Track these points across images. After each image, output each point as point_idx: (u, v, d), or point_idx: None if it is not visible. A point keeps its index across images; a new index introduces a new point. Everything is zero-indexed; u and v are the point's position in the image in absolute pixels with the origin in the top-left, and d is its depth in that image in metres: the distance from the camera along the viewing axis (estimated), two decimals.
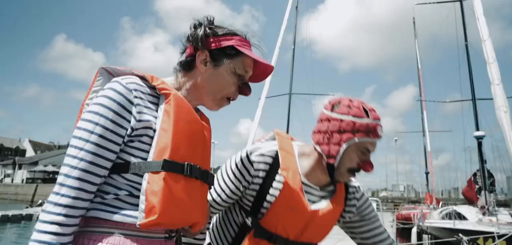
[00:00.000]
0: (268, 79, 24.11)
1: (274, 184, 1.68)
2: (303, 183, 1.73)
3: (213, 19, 1.50)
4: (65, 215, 1.11)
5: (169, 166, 1.23)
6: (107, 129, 1.19)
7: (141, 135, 1.26)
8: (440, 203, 32.78)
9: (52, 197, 1.13)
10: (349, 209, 1.88)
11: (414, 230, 19.48)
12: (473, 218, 16.94)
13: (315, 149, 1.73)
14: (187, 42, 1.49)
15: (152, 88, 1.34)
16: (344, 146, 1.62)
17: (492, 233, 12.74)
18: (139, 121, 1.25)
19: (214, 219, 1.94)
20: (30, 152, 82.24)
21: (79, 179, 1.14)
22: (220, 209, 1.81)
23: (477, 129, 20.25)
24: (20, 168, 65.70)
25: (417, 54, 46.13)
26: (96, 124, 1.19)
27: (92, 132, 1.18)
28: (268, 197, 1.67)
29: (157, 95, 1.34)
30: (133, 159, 1.24)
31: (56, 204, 1.11)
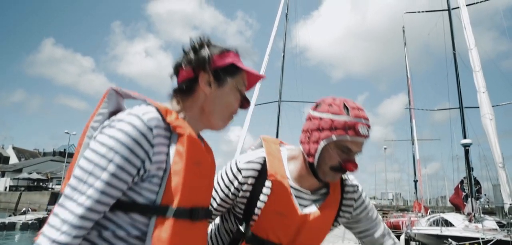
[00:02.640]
0: (257, 86, 24.14)
1: (263, 190, 1.66)
2: (292, 187, 1.71)
3: (209, 38, 1.45)
4: None
5: (179, 214, 1.20)
6: (121, 168, 1.13)
7: (153, 176, 1.20)
8: (428, 211, 33.02)
9: (51, 231, 1.06)
10: (345, 209, 1.83)
11: (402, 238, 19.66)
12: (459, 225, 17.14)
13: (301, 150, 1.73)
14: (188, 64, 1.40)
15: (166, 122, 1.26)
16: (321, 143, 1.61)
17: (478, 239, 12.90)
18: (154, 163, 1.19)
19: (210, 228, 1.92)
20: (13, 159, 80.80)
21: (83, 217, 1.08)
22: (212, 217, 1.81)
23: (465, 137, 20.45)
24: (3, 175, 64.32)
25: (406, 62, 46.56)
26: (110, 161, 1.12)
27: (104, 169, 1.11)
28: (259, 204, 1.65)
29: (169, 130, 1.26)
30: (140, 199, 1.19)
31: (54, 241, 1.05)
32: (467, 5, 19.70)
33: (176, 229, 1.19)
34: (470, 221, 17.50)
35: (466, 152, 19.53)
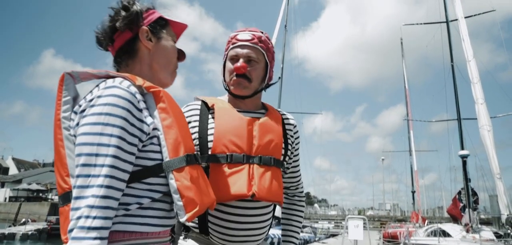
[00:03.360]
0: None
1: (209, 120, 1.83)
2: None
3: None
4: (101, 238, 1.05)
5: (189, 160, 1.28)
6: (122, 139, 1.13)
7: (152, 137, 1.25)
8: (426, 221, 33.06)
9: (82, 221, 1.04)
10: (288, 128, 2.01)
11: None
12: (457, 235, 17.18)
13: None
14: (124, 25, 1.39)
15: (138, 87, 1.28)
16: (223, 63, 1.96)
17: None
18: (149, 124, 1.23)
19: None
20: (13, 170, 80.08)
21: (106, 197, 1.08)
22: None
23: (462, 149, 20.55)
24: (2, 186, 64.06)
25: (404, 74, 46.73)
26: (110, 135, 1.11)
27: (108, 145, 1.11)
28: (209, 131, 1.79)
29: (143, 93, 1.29)
30: (150, 163, 1.23)
31: (89, 228, 1.03)
32: (465, 17, 19.86)
33: (193, 173, 1.28)
34: (467, 231, 17.57)
35: (464, 163, 19.62)
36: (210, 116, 1.85)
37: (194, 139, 1.80)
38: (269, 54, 1.94)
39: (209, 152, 1.74)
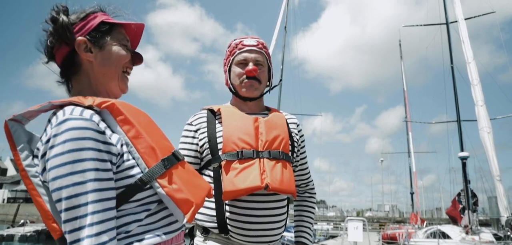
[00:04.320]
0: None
1: (217, 125, 1.94)
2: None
3: (66, 6, 1.33)
4: None
5: (168, 162, 1.23)
6: (97, 170, 1.06)
7: (123, 154, 1.17)
8: (425, 222, 33.10)
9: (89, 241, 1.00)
10: (292, 127, 2.10)
11: None
12: (456, 237, 17.23)
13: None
14: (55, 40, 1.30)
15: (88, 107, 1.17)
16: (227, 68, 2.06)
17: None
18: (116, 144, 1.15)
19: None
20: (11, 171, 79.87)
21: (101, 233, 1.03)
22: None
23: (462, 150, 20.58)
24: (0, 187, 63.88)
25: (403, 75, 46.88)
26: (83, 171, 1.04)
27: (84, 182, 1.04)
28: (218, 134, 1.90)
29: (97, 112, 1.19)
30: (130, 180, 1.16)
31: None
32: (465, 19, 19.88)
33: (177, 173, 1.24)
34: (467, 233, 17.61)
35: (464, 165, 19.65)
36: (217, 121, 1.95)
37: (204, 144, 1.91)
38: (270, 59, 2.09)
39: (220, 153, 1.83)
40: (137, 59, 1.45)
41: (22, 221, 35.38)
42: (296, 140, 2.08)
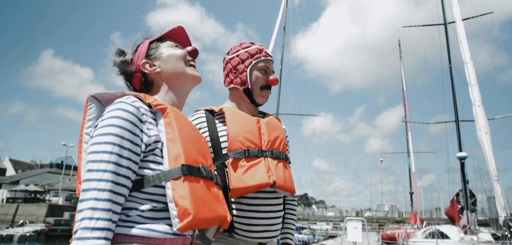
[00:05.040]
0: None
1: (217, 123, 1.99)
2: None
3: (120, 49, 1.63)
4: (105, 238, 1.11)
5: (188, 170, 1.31)
6: (123, 147, 1.21)
7: (154, 149, 1.31)
8: (424, 222, 33.13)
9: (86, 222, 1.10)
10: (284, 129, 2.20)
11: None
12: (455, 237, 17.27)
13: (231, 92, 2.16)
14: (129, 75, 1.61)
15: (148, 105, 1.39)
16: (248, 69, 2.07)
17: None
18: (150, 136, 1.30)
19: None
20: (10, 171, 79.57)
21: (109, 200, 1.14)
22: None
23: (460, 150, 20.59)
24: (0, 187, 64.13)
25: (402, 75, 46.93)
26: (113, 144, 1.20)
27: (111, 153, 1.19)
28: (219, 133, 1.94)
29: (153, 111, 1.39)
30: (150, 173, 1.28)
31: (94, 228, 1.10)
32: (463, 20, 19.91)
33: (191, 184, 1.29)
34: (465, 233, 17.64)
35: (462, 165, 19.67)
36: (216, 121, 1.99)
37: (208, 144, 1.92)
38: None
39: (224, 152, 1.88)
40: (193, 52, 1.67)
41: (21, 221, 35.31)
42: (287, 142, 2.18)
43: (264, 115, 2.21)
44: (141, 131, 1.29)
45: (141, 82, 1.59)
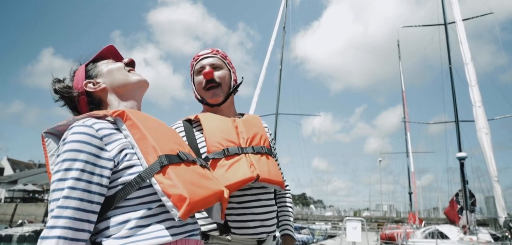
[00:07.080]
0: (255, 99, 24.53)
1: (195, 131, 2.03)
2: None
3: (56, 78, 1.59)
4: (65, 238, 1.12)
5: (168, 159, 1.28)
6: (82, 170, 1.19)
7: (125, 155, 1.28)
8: (423, 222, 33.19)
9: (49, 232, 1.13)
10: (265, 126, 2.24)
11: None
12: (454, 237, 17.32)
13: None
14: (73, 104, 1.57)
15: (102, 118, 1.36)
16: (192, 83, 2.22)
17: None
18: (116, 146, 1.28)
19: None
20: (8, 171, 79.11)
21: (72, 218, 1.14)
22: None
23: (460, 151, 20.62)
24: None
25: (401, 75, 47.04)
26: (67, 170, 1.18)
27: (65, 179, 1.17)
28: (198, 140, 1.97)
29: (112, 121, 1.37)
30: (130, 178, 1.25)
31: (60, 237, 1.12)
32: (463, 20, 19.91)
33: (175, 170, 1.28)
34: (464, 233, 17.68)
35: (462, 165, 19.70)
36: (194, 129, 2.04)
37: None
38: (228, 62, 2.23)
39: (204, 155, 1.89)
40: (130, 62, 1.67)
41: (20, 221, 35.23)
42: (270, 140, 2.18)
43: (243, 115, 2.24)
44: (100, 148, 1.24)
45: (88, 104, 1.56)
